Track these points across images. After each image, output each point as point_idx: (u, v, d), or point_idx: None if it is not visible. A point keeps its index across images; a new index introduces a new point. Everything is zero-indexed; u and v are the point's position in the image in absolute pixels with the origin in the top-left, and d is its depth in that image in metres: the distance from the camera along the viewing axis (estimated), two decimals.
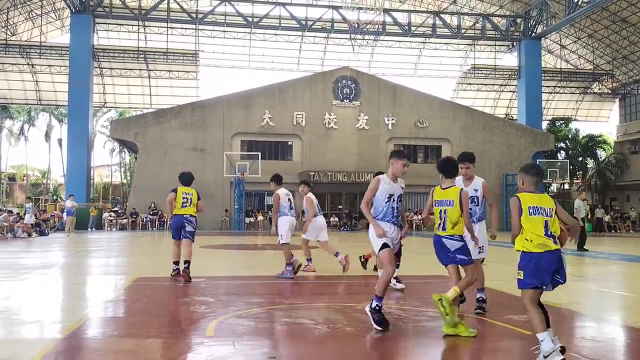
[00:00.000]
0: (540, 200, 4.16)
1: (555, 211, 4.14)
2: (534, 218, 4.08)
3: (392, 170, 5.68)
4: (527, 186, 4.31)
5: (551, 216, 4.10)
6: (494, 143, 35.93)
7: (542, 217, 4.07)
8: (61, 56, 37.54)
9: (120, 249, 17.48)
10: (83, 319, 5.74)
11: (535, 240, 4.03)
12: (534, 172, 4.33)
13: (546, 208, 4.12)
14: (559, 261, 4.04)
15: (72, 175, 33.99)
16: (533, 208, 4.11)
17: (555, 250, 4.03)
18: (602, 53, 44.41)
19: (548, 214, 4.10)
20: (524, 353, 4.73)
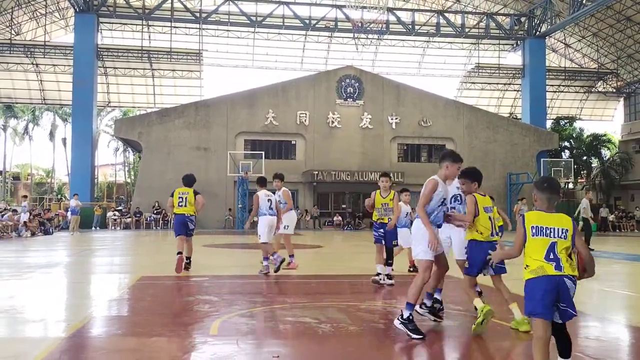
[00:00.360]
0: (549, 220, 3.60)
1: (571, 234, 3.56)
2: (535, 240, 3.59)
3: (446, 173, 5.48)
4: (539, 204, 3.73)
5: (563, 238, 3.54)
6: (497, 142, 35.85)
7: (548, 238, 3.55)
8: (65, 56, 37.62)
9: (124, 248, 17.52)
10: (87, 317, 5.76)
11: (531, 265, 3.57)
12: (545, 188, 3.72)
13: (557, 229, 3.57)
14: (561, 289, 3.49)
15: (76, 175, 34.08)
16: (536, 228, 3.60)
17: (554, 277, 3.48)
18: (606, 52, 44.23)
19: (559, 235, 3.56)
20: (526, 352, 4.72)
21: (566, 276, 3.51)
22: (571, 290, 3.52)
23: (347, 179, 32.27)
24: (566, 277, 3.51)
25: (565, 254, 3.54)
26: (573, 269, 3.57)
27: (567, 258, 3.55)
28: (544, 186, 3.73)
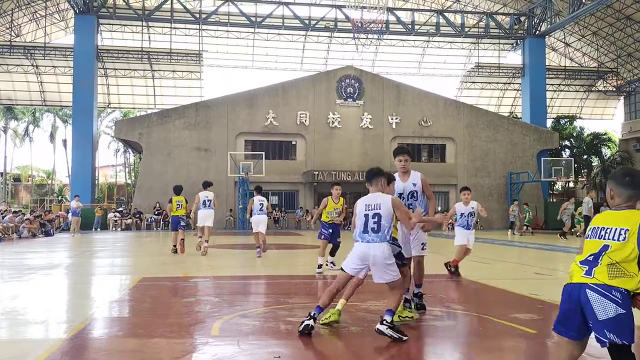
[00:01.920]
0: (613, 218, 2.94)
1: (635, 232, 2.82)
2: (588, 242, 2.99)
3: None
4: (618, 202, 3.01)
5: (618, 239, 2.85)
6: (498, 142, 35.84)
7: (601, 240, 2.91)
8: (65, 57, 37.65)
9: (125, 249, 17.53)
10: (88, 319, 5.76)
11: (570, 271, 3.00)
12: (626, 183, 3.00)
13: (614, 228, 2.89)
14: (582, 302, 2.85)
15: (76, 176, 34.10)
16: (593, 230, 2.99)
17: (575, 285, 2.91)
18: (606, 51, 44.23)
19: (613, 236, 2.88)
20: (528, 351, 4.72)
21: (589, 285, 2.84)
22: (597, 304, 2.79)
23: (347, 179, 32.22)
24: (589, 286, 2.84)
25: (610, 259, 2.84)
26: (612, 277, 2.80)
27: (615, 265, 2.82)
28: (627, 180, 3.01)
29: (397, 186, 5.89)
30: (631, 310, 2.82)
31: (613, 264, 2.83)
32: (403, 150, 6.14)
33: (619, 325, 2.77)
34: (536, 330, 5.29)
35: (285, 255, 14.85)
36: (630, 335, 2.78)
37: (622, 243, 2.83)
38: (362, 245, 4.93)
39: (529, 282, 8.85)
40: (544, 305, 6.77)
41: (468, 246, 9.41)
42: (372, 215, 4.90)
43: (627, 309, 2.78)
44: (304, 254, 15.12)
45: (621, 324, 2.77)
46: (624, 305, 2.78)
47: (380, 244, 4.86)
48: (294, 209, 33.64)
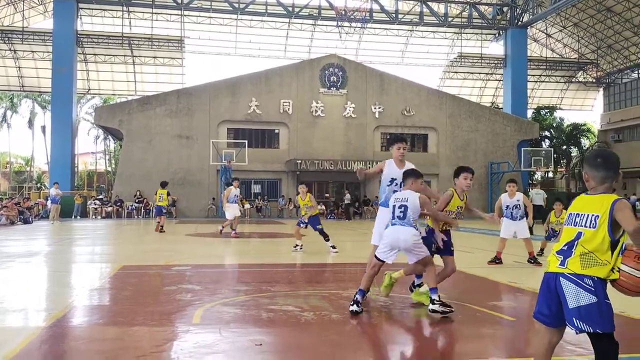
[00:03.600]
0: (586, 204, 2.96)
1: (605, 219, 2.83)
2: (565, 230, 3.03)
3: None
4: (593, 185, 3.01)
5: (589, 227, 2.87)
6: (479, 132, 36.11)
7: (575, 227, 2.94)
8: (44, 42, 36.96)
9: (106, 237, 17.38)
10: (68, 307, 5.72)
11: (548, 259, 3.06)
12: (598, 164, 3.00)
13: (586, 214, 2.91)
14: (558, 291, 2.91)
15: (56, 163, 33.63)
16: (569, 216, 3.03)
17: (555, 274, 2.93)
18: (587, 42, 44.68)
19: (585, 223, 2.90)
20: (506, 338, 4.80)
21: (563, 274, 2.88)
22: (569, 292, 2.85)
23: (330, 168, 32.29)
24: (563, 274, 2.88)
25: (583, 248, 2.86)
26: (585, 267, 2.84)
27: (588, 254, 2.85)
28: (598, 162, 3.00)
29: (391, 171, 6.10)
30: (605, 299, 2.83)
31: (586, 254, 2.86)
32: (401, 138, 6.32)
33: (590, 314, 2.79)
34: (514, 317, 5.37)
35: (268, 243, 14.85)
36: (603, 324, 2.79)
37: (594, 231, 2.85)
38: (391, 229, 5.50)
39: (508, 270, 8.97)
40: (523, 293, 6.88)
41: (519, 237, 9.64)
42: (399, 206, 5.50)
43: (599, 297, 2.80)
44: (286, 243, 15.12)
45: (593, 312, 2.79)
46: (596, 293, 2.80)
47: (407, 227, 5.40)
48: (277, 198, 33.60)
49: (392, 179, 6.09)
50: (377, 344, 4.49)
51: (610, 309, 2.85)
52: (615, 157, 3.08)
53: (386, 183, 6.23)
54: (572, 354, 4.09)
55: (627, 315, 5.44)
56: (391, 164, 6.18)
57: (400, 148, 6.15)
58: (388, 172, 6.15)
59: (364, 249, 13.72)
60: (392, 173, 6.11)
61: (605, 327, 2.80)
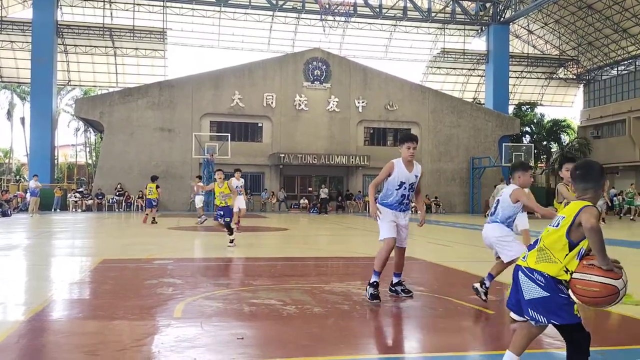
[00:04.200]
0: (567, 207, 3.11)
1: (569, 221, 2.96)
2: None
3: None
4: (577, 195, 3.17)
5: (554, 225, 3.04)
6: (461, 127, 36.36)
7: (549, 227, 3.11)
8: (23, 32, 36.31)
9: (86, 230, 17.21)
10: (47, 300, 5.66)
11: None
12: (577, 176, 3.15)
13: (561, 216, 3.06)
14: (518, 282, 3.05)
15: (35, 155, 33.15)
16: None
17: (517, 266, 3.11)
18: (568, 39, 45.18)
19: (554, 222, 3.07)
20: (486, 331, 4.86)
21: (521, 267, 3.06)
22: (524, 285, 2.98)
23: (313, 162, 32.29)
24: (521, 268, 3.05)
25: (542, 243, 3.02)
26: (538, 261, 2.98)
27: (543, 250, 3.00)
28: (577, 174, 3.15)
29: (400, 174, 5.71)
30: (559, 293, 2.91)
31: (542, 249, 3.00)
32: (412, 137, 5.83)
33: (545, 307, 2.90)
34: (494, 311, 5.44)
35: (250, 237, 14.81)
36: (560, 316, 2.88)
37: (555, 229, 3.01)
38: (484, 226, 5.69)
39: (488, 265, 9.06)
40: (502, 286, 6.96)
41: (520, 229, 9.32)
42: (496, 201, 5.62)
43: (551, 292, 2.90)
44: (268, 237, 15.13)
45: (546, 305, 2.90)
46: (547, 289, 2.90)
47: (492, 224, 5.53)
48: (260, 192, 33.54)
49: (401, 183, 5.69)
50: (359, 338, 4.51)
51: (568, 301, 2.92)
52: (596, 167, 3.15)
53: (394, 187, 5.72)
54: (550, 347, 4.16)
55: None
56: (400, 165, 5.73)
57: (410, 148, 5.71)
58: (396, 175, 5.68)
59: (344, 243, 13.81)
60: (401, 176, 5.69)
61: (564, 319, 2.88)
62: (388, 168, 5.73)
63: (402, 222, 5.81)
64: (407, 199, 5.80)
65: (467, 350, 4.29)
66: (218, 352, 3.94)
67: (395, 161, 5.76)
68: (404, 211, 5.85)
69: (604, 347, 4.10)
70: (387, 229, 5.68)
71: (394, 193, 5.72)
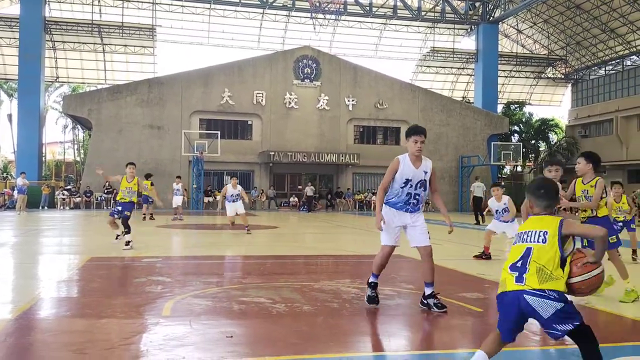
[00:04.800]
0: (535, 223, 3.19)
1: (555, 235, 3.06)
2: (514, 248, 3.19)
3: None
4: (537, 211, 3.31)
5: (539, 241, 3.07)
6: (451, 125, 36.51)
7: (524, 244, 3.13)
8: (11, 28, 35.94)
9: (74, 228, 17.09)
10: (35, 299, 5.62)
11: (501, 277, 3.19)
12: (541, 195, 3.30)
13: (535, 231, 3.12)
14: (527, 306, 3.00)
15: (23, 152, 32.85)
16: (518, 235, 3.25)
17: (516, 293, 3.03)
18: (556, 39, 45.48)
19: (535, 238, 3.10)
20: (474, 329, 4.89)
21: (525, 291, 3.00)
22: (537, 305, 2.97)
23: (303, 160, 32.28)
24: (526, 291, 3.00)
25: (537, 264, 3.01)
26: (542, 282, 2.98)
27: (542, 269, 3.00)
28: (541, 193, 3.30)
29: (406, 170, 5.23)
30: (568, 300, 3.04)
31: (540, 269, 3.01)
32: (419, 130, 5.26)
33: (564, 316, 2.97)
34: (482, 309, 5.48)
35: (239, 235, 14.78)
36: (575, 318, 2.99)
37: (543, 245, 3.06)
38: None
39: (476, 263, 9.14)
40: (490, 284, 7.01)
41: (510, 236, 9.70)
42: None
43: (564, 301, 3.00)
44: (257, 235, 15.10)
45: (565, 314, 2.97)
46: (561, 300, 2.99)
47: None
48: (250, 189, 33.46)
49: (406, 180, 5.24)
50: (348, 336, 4.53)
51: (573, 305, 3.10)
52: (554, 186, 3.44)
53: (399, 185, 5.26)
54: (537, 344, 4.19)
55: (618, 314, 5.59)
56: (405, 161, 5.26)
57: (417, 142, 5.18)
58: (402, 172, 5.21)
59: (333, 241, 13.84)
60: (406, 173, 5.23)
61: (578, 319, 3.00)
62: (393, 166, 5.25)
63: (411, 222, 5.35)
64: (415, 198, 5.30)
65: (457, 348, 4.32)
66: (207, 351, 3.94)
67: (400, 157, 5.27)
68: (412, 212, 5.34)
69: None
70: (385, 236, 5.39)
71: (400, 192, 5.27)
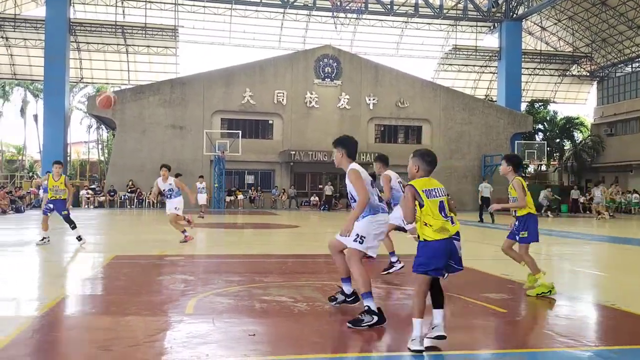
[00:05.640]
0: (432, 182, 4.18)
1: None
2: (432, 201, 4.07)
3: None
4: (421, 174, 4.22)
5: (444, 195, 4.17)
6: (473, 124, 36.15)
7: (437, 199, 4.10)
8: (36, 30, 36.60)
9: (98, 226, 17.33)
10: (60, 296, 5.70)
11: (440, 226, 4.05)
12: (430, 162, 4.26)
13: (437, 189, 4.14)
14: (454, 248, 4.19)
15: (48, 152, 33.37)
16: (426, 192, 4.09)
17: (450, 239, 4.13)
18: (581, 35, 44.73)
19: (441, 193, 4.15)
20: (498, 330, 4.83)
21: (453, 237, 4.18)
22: (458, 246, 4.24)
23: (324, 160, 32.24)
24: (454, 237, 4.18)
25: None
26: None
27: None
28: (429, 160, 4.26)
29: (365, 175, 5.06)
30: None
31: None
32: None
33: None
34: (506, 309, 5.41)
35: (261, 234, 14.85)
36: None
37: (446, 197, 4.17)
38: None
39: (500, 263, 9.02)
40: (514, 285, 6.92)
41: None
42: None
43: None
44: (279, 234, 15.15)
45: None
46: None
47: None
48: (270, 189, 33.58)
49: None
50: (370, 335, 4.50)
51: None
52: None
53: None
54: (563, 346, 4.12)
55: (618, 308, 5.49)
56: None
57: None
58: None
59: None
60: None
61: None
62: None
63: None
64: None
65: (479, 349, 4.27)
66: (230, 348, 3.95)
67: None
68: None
69: (618, 346, 4.05)
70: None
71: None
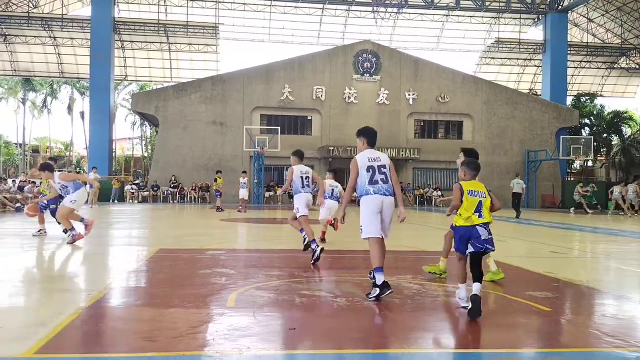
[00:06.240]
0: (477, 185, 5.14)
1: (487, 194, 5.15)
2: (472, 199, 5.04)
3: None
4: (469, 178, 5.23)
5: (485, 197, 5.09)
6: (517, 119, 35.38)
7: (477, 198, 5.06)
8: (83, 29, 37.71)
9: (143, 221, 17.74)
10: (107, 288, 5.87)
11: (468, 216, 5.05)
12: (474, 168, 5.26)
13: (480, 191, 5.09)
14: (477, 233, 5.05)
15: (94, 148, 34.43)
16: (470, 192, 5.07)
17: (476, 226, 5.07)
18: (631, 27, 43.15)
19: (482, 195, 5.10)
20: (542, 329, 4.72)
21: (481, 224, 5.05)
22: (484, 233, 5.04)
23: None
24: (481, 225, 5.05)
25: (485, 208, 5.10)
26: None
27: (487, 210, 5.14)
28: (474, 166, 5.29)
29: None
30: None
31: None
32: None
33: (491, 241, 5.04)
34: (551, 308, 5.28)
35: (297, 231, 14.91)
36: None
37: (485, 199, 5.05)
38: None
39: (544, 261, 8.81)
40: (560, 283, 6.75)
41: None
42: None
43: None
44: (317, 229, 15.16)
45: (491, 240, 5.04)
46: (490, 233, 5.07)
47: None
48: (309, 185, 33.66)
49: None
50: (410, 332, 4.47)
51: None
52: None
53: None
54: (610, 346, 4.00)
55: None
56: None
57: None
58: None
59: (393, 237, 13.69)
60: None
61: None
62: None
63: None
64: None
65: (523, 347, 4.18)
66: (271, 342, 3.99)
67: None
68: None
69: None
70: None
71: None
